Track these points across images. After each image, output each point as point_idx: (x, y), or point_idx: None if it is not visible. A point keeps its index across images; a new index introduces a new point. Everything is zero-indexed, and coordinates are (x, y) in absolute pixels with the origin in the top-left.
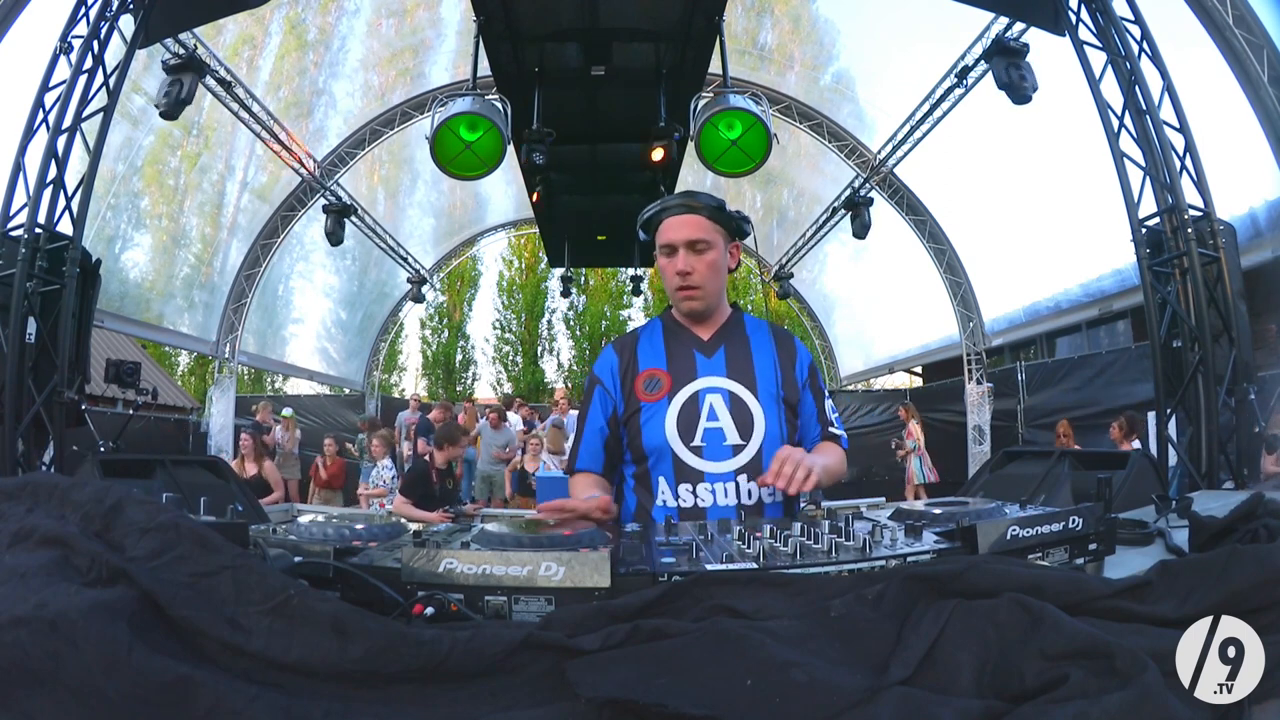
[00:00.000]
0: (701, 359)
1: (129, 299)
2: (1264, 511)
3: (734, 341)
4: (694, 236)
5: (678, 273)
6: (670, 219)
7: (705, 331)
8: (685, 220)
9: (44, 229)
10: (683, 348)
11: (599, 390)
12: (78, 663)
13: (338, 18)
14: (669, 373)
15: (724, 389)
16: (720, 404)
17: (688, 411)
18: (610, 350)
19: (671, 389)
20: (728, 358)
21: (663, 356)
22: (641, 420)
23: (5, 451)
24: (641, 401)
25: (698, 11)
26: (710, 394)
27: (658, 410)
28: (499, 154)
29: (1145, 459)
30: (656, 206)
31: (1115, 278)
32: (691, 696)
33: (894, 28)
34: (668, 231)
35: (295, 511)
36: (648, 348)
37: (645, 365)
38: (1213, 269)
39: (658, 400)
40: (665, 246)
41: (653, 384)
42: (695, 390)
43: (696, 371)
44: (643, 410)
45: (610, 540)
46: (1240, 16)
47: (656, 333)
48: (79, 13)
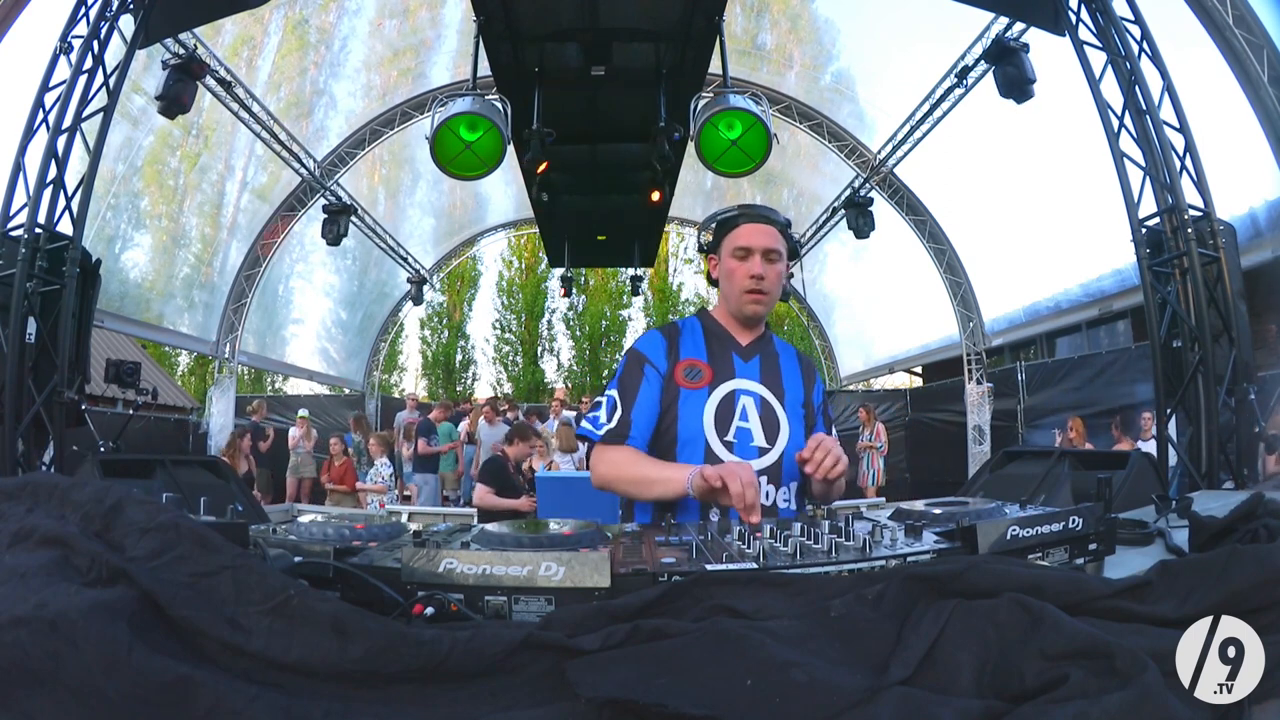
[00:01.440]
0: (739, 361)
1: (129, 299)
2: (1264, 511)
3: (767, 353)
4: (771, 245)
5: (752, 275)
6: (750, 225)
7: (745, 337)
8: (765, 229)
9: (44, 229)
10: (723, 347)
11: (648, 368)
12: (78, 663)
13: (338, 17)
14: (710, 365)
15: (757, 393)
16: (752, 406)
17: (724, 407)
18: (657, 333)
19: (712, 381)
20: (762, 365)
21: (704, 351)
22: (680, 406)
23: (5, 451)
24: (681, 387)
25: (698, 11)
26: (744, 395)
27: (698, 398)
28: (499, 154)
29: (1145, 459)
30: (735, 210)
31: (1115, 278)
32: (691, 696)
33: (894, 28)
34: (748, 235)
35: (295, 511)
36: (689, 340)
37: (686, 355)
38: (1213, 269)
39: (698, 389)
40: (741, 249)
41: (694, 373)
42: (732, 389)
43: (734, 371)
44: (681, 396)
45: (610, 540)
46: (1240, 16)
47: (697, 329)
48: (79, 13)
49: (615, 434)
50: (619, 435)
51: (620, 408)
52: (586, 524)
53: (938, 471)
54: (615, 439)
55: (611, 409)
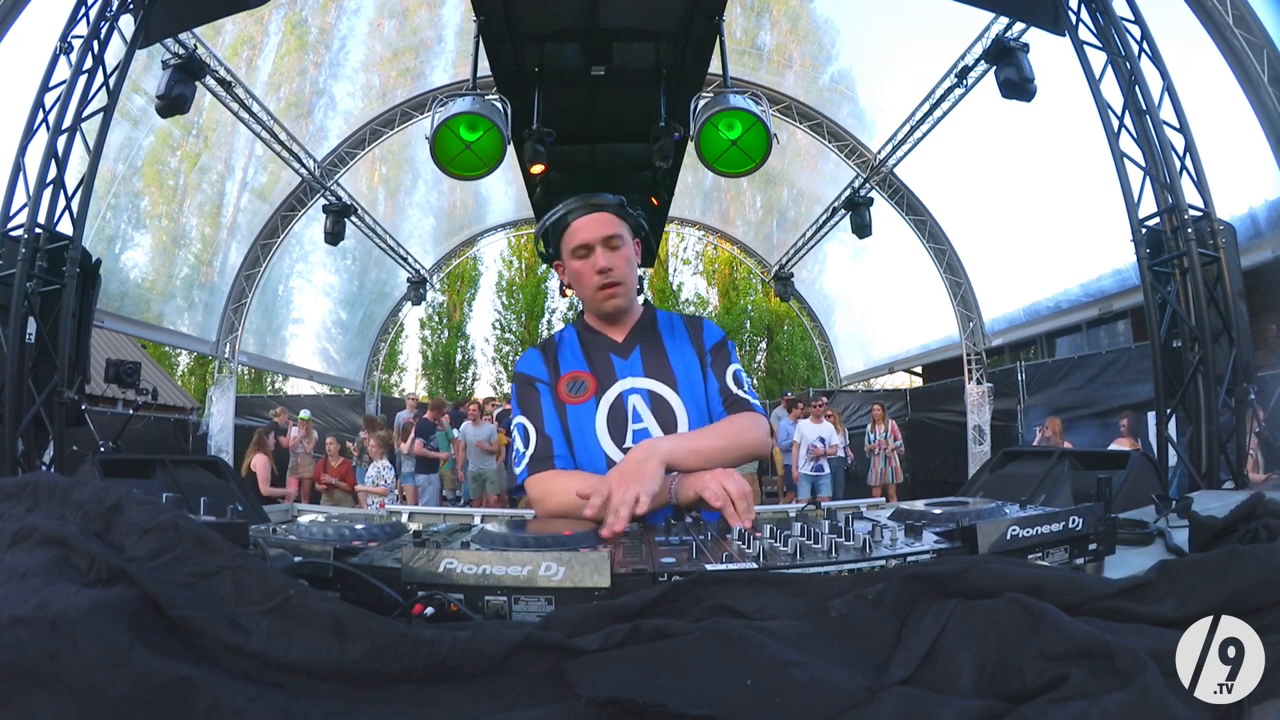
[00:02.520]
0: (618, 361)
1: (129, 299)
2: (1264, 511)
3: (648, 340)
4: (609, 231)
5: (599, 271)
6: (579, 220)
7: (619, 333)
8: (596, 218)
9: (44, 229)
10: (599, 351)
11: (541, 387)
12: (78, 663)
13: (338, 18)
14: (592, 374)
15: (643, 389)
16: (642, 404)
17: (615, 413)
18: (534, 351)
19: (597, 391)
20: (643, 357)
21: (582, 360)
22: (570, 424)
23: (5, 451)
24: (567, 404)
25: (698, 12)
26: (632, 394)
27: (585, 412)
28: (499, 154)
29: (1145, 459)
30: (559, 211)
31: (1115, 278)
32: (692, 696)
33: (894, 28)
34: (580, 232)
35: (295, 511)
36: (567, 352)
37: (566, 368)
38: (1213, 269)
39: (584, 402)
40: (580, 248)
41: (577, 386)
42: (619, 392)
43: (616, 373)
44: (570, 413)
45: (610, 540)
46: (1240, 16)
47: (573, 337)
48: (79, 13)
49: (540, 458)
50: (544, 459)
51: (534, 432)
52: (586, 524)
53: (938, 471)
54: (543, 464)
55: (525, 437)
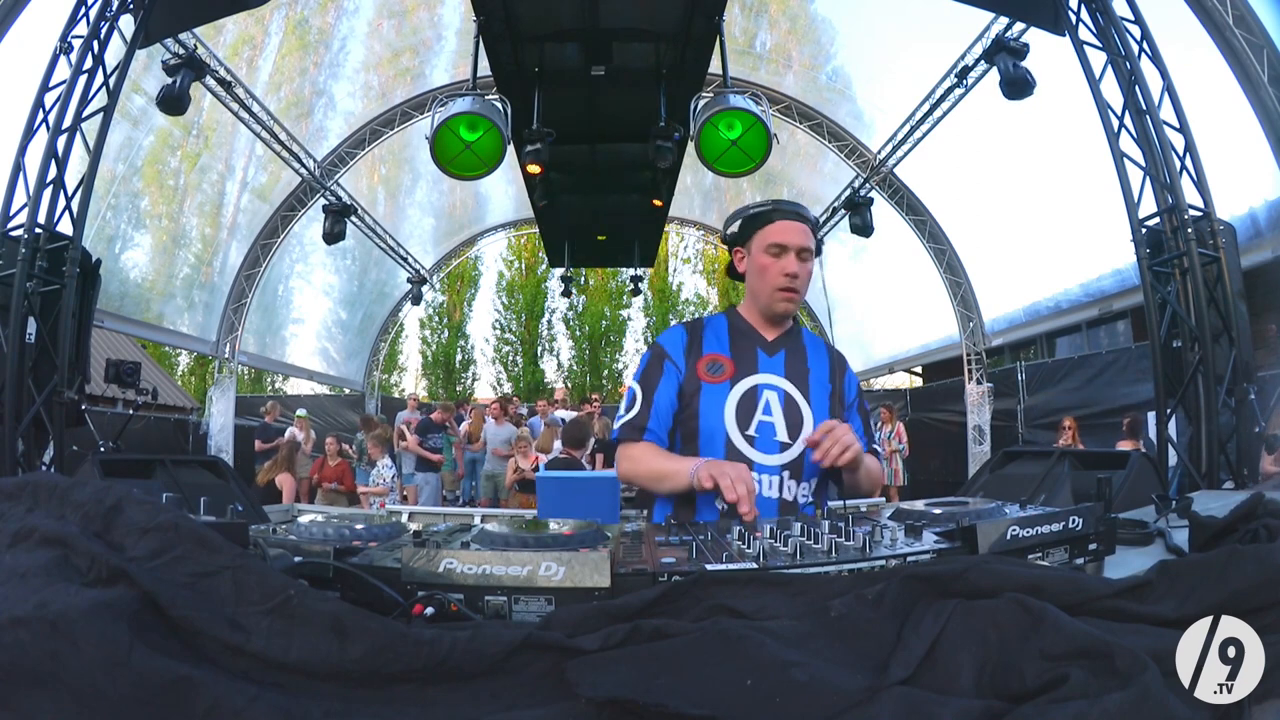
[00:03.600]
0: (764, 356)
1: (129, 299)
2: (1264, 511)
3: (794, 348)
4: (806, 244)
5: (787, 274)
6: (785, 221)
7: (770, 334)
8: (800, 227)
9: (44, 229)
10: (747, 342)
11: (668, 363)
12: (78, 663)
13: (338, 18)
14: (732, 359)
15: (780, 388)
16: (775, 400)
17: (746, 401)
18: (680, 328)
19: (734, 376)
20: (787, 360)
21: (727, 346)
22: (701, 400)
23: (5, 451)
24: (703, 382)
25: (698, 12)
26: (768, 389)
27: (719, 393)
28: (499, 154)
29: (1145, 459)
30: (769, 205)
31: (1115, 278)
32: (692, 696)
33: (893, 27)
34: (782, 233)
35: (295, 511)
36: (712, 336)
37: (709, 350)
38: (1213, 269)
39: (720, 383)
40: (776, 245)
41: (716, 367)
42: (755, 383)
43: (758, 366)
44: (703, 390)
45: (610, 540)
46: (1240, 16)
47: (722, 324)
48: (79, 13)
49: (633, 426)
50: (636, 429)
51: (639, 402)
52: (586, 524)
53: (938, 471)
54: (633, 433)
55: (631, 403)
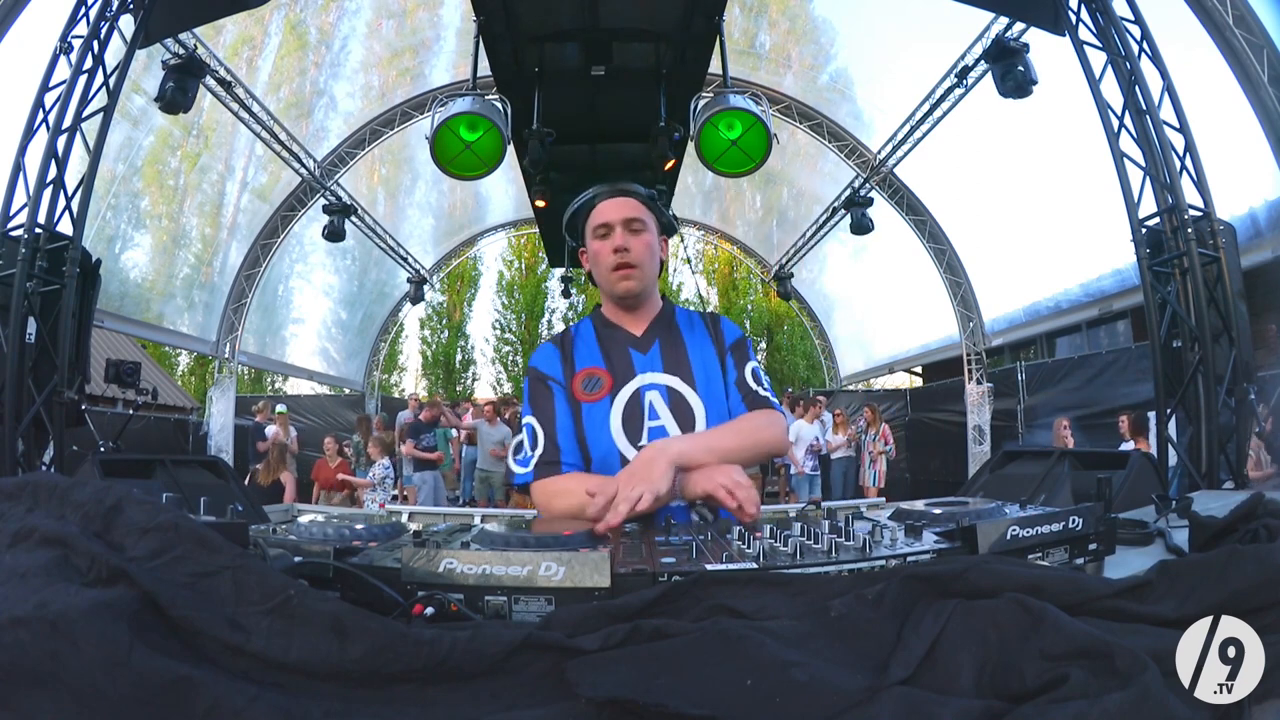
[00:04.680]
0: (637, 355)
1: (129, 299)
2: (1264, 511)
3: (667, 335)
4: (631, 215)
5: (615, 250)
6: (605, 202)
7: (638, 326)
8: (619, 201)
9: (44, 229)
10: (617, 345)
11: (554, 385)
12: (78, 663)
13: (338, 18)
14: (608, 370)
15: (662, 385)
16: (660, 401)
17: (631, 411)
18: (550, 345)
19: (613, 388)
20: (663, 352)
21: (598, 355)
22: (585, 423)
23: (5, 451)
24: (582, 402)
25: (698, 12)
26: (649, 391)
27: (600, 411)
28: (499, 154)
29: (1145, 459)
30: (588, 194)
31: (1115, 278)
32: (692, 696)
33: (893, 27)
34: (603, 213)
35: (295, 511)
36: (582, 346)
37: (582, 364)
38: (1213, 269)
39: (599, 400)
40: (600, 227)
41: (592, 383)
42: (635, 388)
43: (634, 368)
44: (584, 411)
45: (610, 540)
46: (1240, 16)
47: (589, 331)
48: (79, 13)
49: (546, 462)
50: (551, 463)
51: (542, 434)
52: (586, 524)
53: (938, 471)
54: (549, 468)
55: (534, 438)
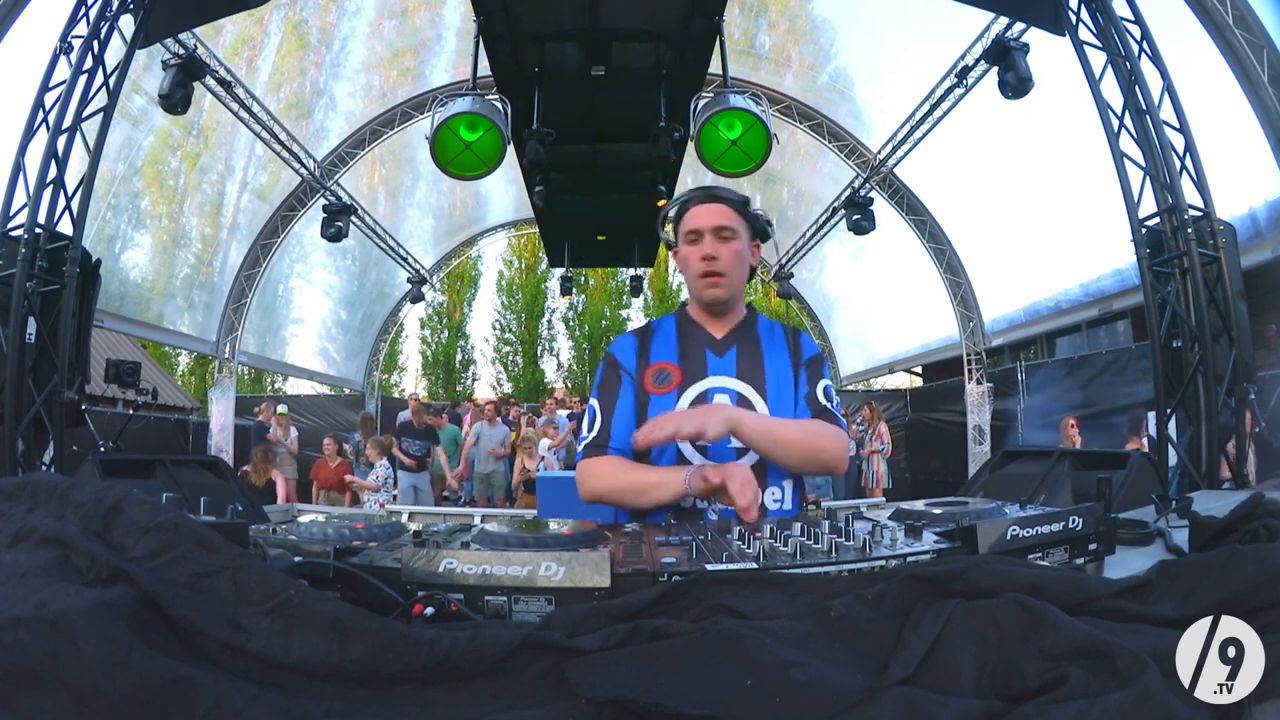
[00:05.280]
0: (713, 358)
1: (129, 299)
2: (1264, 511)
3: (746, 342)
4: (721, 223)
5: (703, 258)
6: (696, 208)
7: (719, 329)
8: (712, 208)
9: (44, 229)
10: (695, 345)
11: (623, 374)
12: (78, 663)
13: (338, 18)
14: (680, 367)
15: (732, 390)
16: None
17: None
18: (630, 337)
19: (681, 384)
20: (739, 358)
21: (675, 351)
22: (650, 413)
23: (5, 451)
24: (650, 394)
25: (697, 12)
26: (718, 393)
27: (666, 405)
28: (499, 154)
29: (1145, 459)
30: (682, 198)
31: (1115, 278)
32: (692, 696)
33: (893, 27)
34: (694, 219)
35: (295, 511)
36: (660, 342)
37: (657, 358)
38: (1213, 269)
39: (667, 394)
40: (691, 233)
41: (662, 377)
42: (704, 389)
43: (707, 370)
44: (651, 403)
45: (610, 540)
46: (1240, 16)
47: (670, 328)
48: (79, 13)
49: (595, 444)
50: (599, 445)
51: (600, 417)
52: (586, 524)
53: (938, 471)
54: (596, 450)
55: (592, 420)
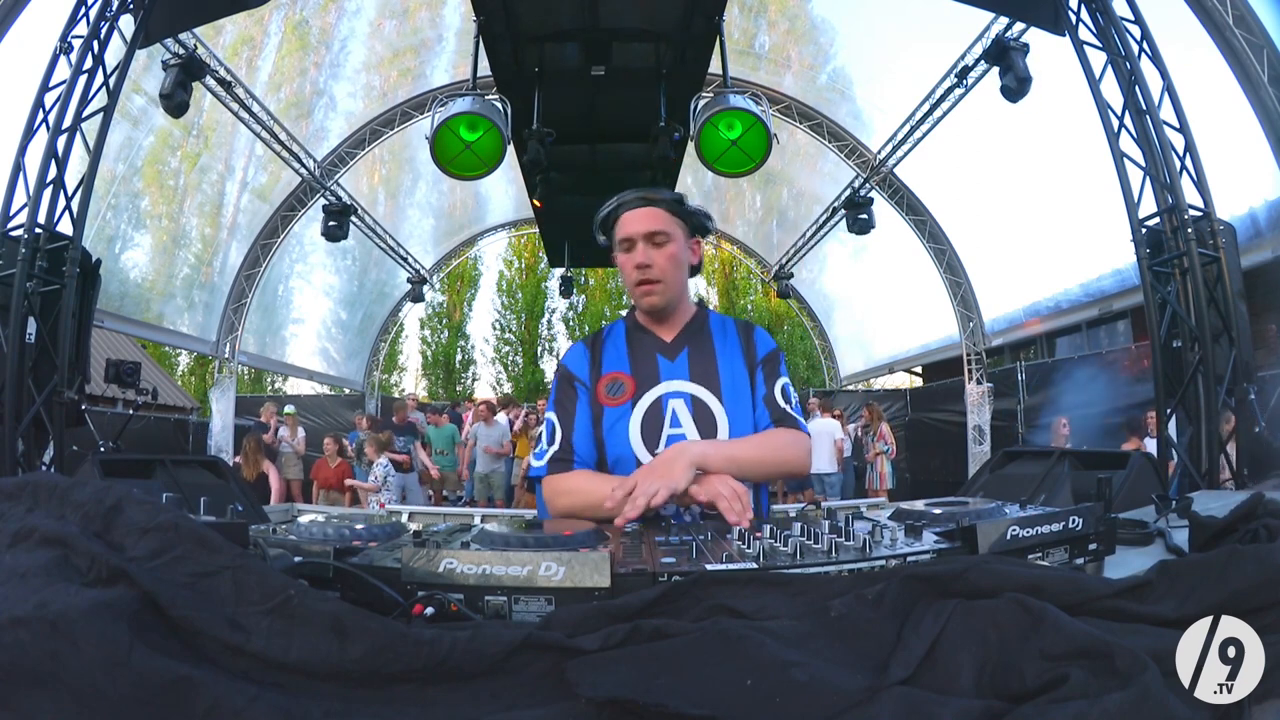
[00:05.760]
0: (664, 362)
1: (129, 299)
2: (1264, 511)
3: (697, 343)
4: (652, 228)
5: (636, 266)
6: (628, 213)
7: (668, 333)
8: (643, 213)
9: (44, 229)
10: (645, 350)
11: (577, 385)
12: (78, 663)
13: (338, 18)
14: (632, 376)
15: (686, 393)
16: (683, 409)
17: (651, 418)
18: (581, 346)
19: (635, 394)
20: (690, 361)
21: (626, 359)
22: (605, 426)
23: (5, 451)
24: (605, 406)
25: (697, 12)
26: (673, 399)
27: (621, 416)
28: (499, 154)
29: (1145, 459)
30: (613, 203)
31: (1115, 278)
32: (692, 696)
33: (893, 27)
34: (626, 225)
35: (295, 511)
36: (611, 349)
37: (609, 368)
38: (1213, 269)
39: (621, 405)
40: (623, 241)
41: (616, 388)
42: (658, 395)
43: (659, 375)
44: (605, 415)
45: (610, 540)
46: (1240, 16)
47: (620, 335)
48: (79, 13)
49: (559, 459)
50: (563, 459)
51: (560, 430)
52: (586, 524)
53: (938, 471)
54: (561, 465)
55: (551, 433)
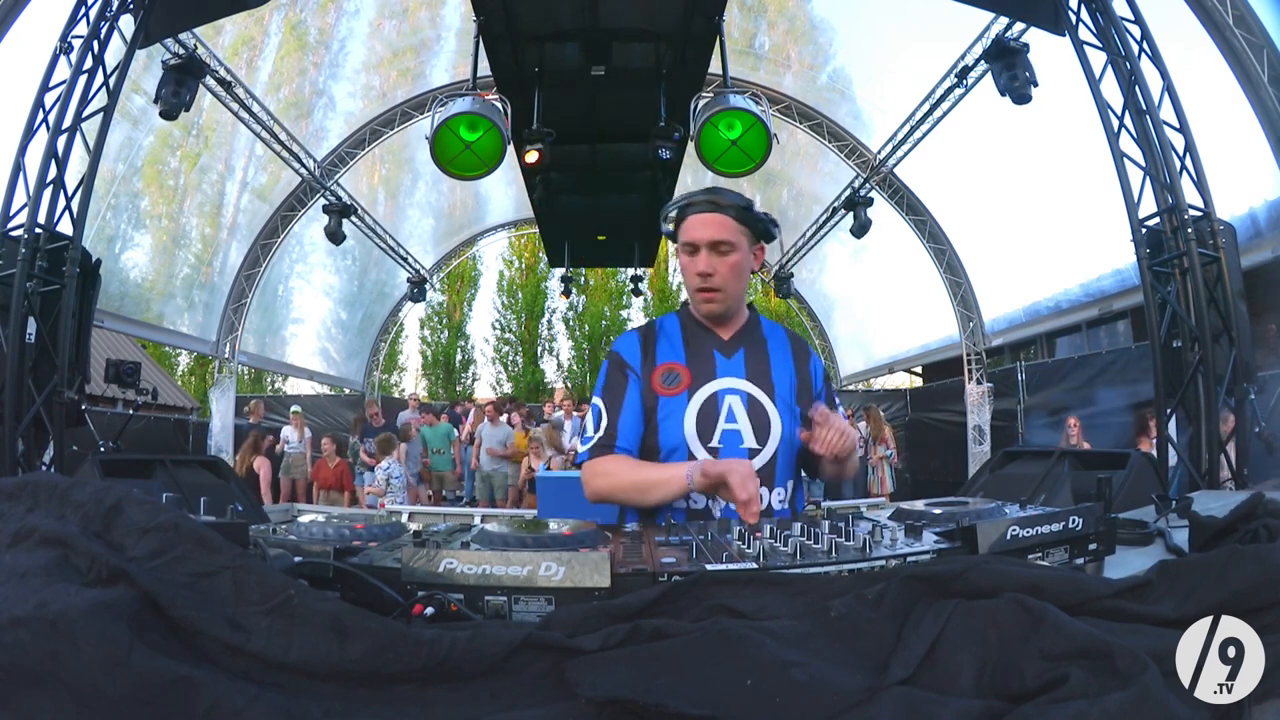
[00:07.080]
0: (721, 359)
1: (129, 299)
2: (1264, 511)
3: (753, 345)
4: (717, 237)
5: (699, 274)
6: (694, 216)
7: (725, 331)
8: (709, 219)
9: (44, 229)
10: (702, 346)
11: (629, 373)
12: (78, 663)
13: (338, 19)
14: (688, 368)
15: (743, 391)
16: (739, 406)
17: (707, 410)
18: (634, 334)
19: (691, 385)
20: (747, 360)
21: (681, 352)
22: (659, 415)
23: (5, 451)
24: (659, 396)
25: (697, 12)
26: (729, 395)
27: (676, 406)
28: (499, 154)
29: (1145, 459)
30: (682, 201)
31: (1115, 278)
32: (692, 696)
33: (893, 27)
34: (691, 230)
35: (295, 511)
36: (665, 341)
37: (663, 358)
38: (1213, 269)
39: (676, 395)
40: (687, 245)
41: (671, 378)
42: (715, 390)
43: (716, 371)
44: (660, 405)
45: (610, 540)
46: (1240, 16)
47: (675, 327)
48: (79, 13)
49: (602, 444)
50: (606, 445)
51: (605, 416)
52: (586, 524)
53: (938, 471)
54: (602, 449)
55: (597, 419)
